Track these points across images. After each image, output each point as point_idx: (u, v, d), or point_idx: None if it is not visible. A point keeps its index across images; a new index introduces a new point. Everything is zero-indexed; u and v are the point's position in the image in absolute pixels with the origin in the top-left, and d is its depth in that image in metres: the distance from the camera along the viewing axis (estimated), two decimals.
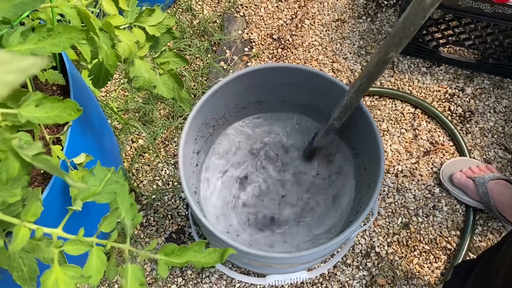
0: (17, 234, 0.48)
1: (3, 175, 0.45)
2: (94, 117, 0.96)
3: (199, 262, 0.56)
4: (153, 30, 0.78)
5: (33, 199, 0.52)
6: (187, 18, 1.48)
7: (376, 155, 0.84)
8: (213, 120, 1.01)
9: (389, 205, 1.22)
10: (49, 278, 0.47)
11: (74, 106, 0.45)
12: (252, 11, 1.50)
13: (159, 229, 1.20)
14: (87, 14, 0.65)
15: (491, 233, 1.19)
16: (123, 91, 1.36)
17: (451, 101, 1.35)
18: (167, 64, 0.82)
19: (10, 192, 0.41)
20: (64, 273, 0.48)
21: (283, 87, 1.00)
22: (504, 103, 1.34)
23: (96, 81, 0.75)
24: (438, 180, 1.25)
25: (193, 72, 1.38)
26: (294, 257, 0.77)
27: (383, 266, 1.15)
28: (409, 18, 0.64)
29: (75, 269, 0.48)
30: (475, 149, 1.29)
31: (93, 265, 0.51)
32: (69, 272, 0.48)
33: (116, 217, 0.54)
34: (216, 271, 1.15)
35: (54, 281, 0.46)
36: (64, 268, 0.48)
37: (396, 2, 1.50)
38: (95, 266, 0.51)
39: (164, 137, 1.30)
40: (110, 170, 0.55)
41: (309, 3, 1.51)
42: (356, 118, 0.90)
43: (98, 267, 0.51)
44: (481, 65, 1.35)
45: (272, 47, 1.44)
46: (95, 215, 0.96)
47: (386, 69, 0.71)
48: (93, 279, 0.49)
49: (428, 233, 1.19)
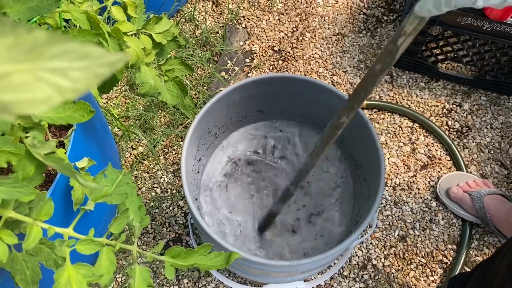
0: (30, 232, 0.48)
1: (19, 174, 0.46)
2: (96, 122, 0.97)
3: (204, 265, 0.56)
4: (160, 38, 0.79)
5: (45, 199, 0.52)
6: (190, 28, 1.50)
7: (376, 165, 0.85)
8: (215, 128, 1.02)
9: (387, 218, 1.23)
10: (62, 276, 0.47)
11: (87, 107, 0.46)
12: (254, 23, 1.52)
13: (157, 237, 1.19)
14: (97, 19, 0.66)
15: (487, 248, 1.20)
16: (124, 98, 1.37)
17: (448, 116, 1.37)
18: (172, 72, 0.83)
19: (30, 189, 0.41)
20: (76, 271, 0.48)
21: (285, 97, 1.01)
22: (501, 119, 1.36)
23: (102, 86, 0.76)
24: (435, 194, 1.26)
25: (194, 81, 1.39)
26: (293, 265, 0.78)
27: (380, 278, 1.16)
28: (360, 85, 0.64)
29: (87, 268, 0.49)
30: (472, 164, 1.30)
31: (104, 265, 0.51)
32: (81, 271, 0.48)
33: (126, 219, 0.54)
34: (213, 280, 1.14)
35: (67, 279, 0.47)
36: (76, 267, 0.49)
37: (396, 18, 1.53)
38: (105, 266, 0.51)
39: (164, 145, 1.31)
40: (121, 172, 0.56)
41: (310, 17, 1.53)
42: (357, 129, 0.92)
43: (108, 267, 0.51)
44: (478, 81, 1.37)
45: (273, 58, 1.46)
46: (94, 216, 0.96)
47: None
48: (104, 279, 0.50)
49: (424, 247, 1.20)
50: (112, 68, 0.19)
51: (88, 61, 0.19)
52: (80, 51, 0.19)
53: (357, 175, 1.02)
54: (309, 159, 0.80)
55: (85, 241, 0.53)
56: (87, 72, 0.19)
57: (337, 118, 0.71)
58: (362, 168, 0.98)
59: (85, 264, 0.52)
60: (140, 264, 1.16)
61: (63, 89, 0.18)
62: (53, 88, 0.18)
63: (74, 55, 0.19)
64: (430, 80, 1.42)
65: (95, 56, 0.19)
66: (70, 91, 0.18)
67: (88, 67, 0.19)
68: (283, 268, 0.79)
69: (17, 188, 0.45)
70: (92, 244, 0.53)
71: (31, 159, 0.45)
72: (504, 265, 0.76)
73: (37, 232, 0.51)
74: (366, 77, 0.63)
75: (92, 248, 0.53)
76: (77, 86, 0.19)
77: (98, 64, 0.19)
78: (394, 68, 1.43)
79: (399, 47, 0.56)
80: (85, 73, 0.19)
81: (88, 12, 0.66)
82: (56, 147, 0.83)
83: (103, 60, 0.19)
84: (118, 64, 0.19)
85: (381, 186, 0.82)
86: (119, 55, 0.19)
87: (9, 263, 0.56)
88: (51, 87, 0.18)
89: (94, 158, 0.86)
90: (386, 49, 0.57)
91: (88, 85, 0.19)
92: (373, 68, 0.61)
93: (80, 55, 0.19)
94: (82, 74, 0.19)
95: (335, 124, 0.72)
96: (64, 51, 0.19)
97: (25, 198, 0.47)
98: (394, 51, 0.56)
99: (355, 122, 0.91)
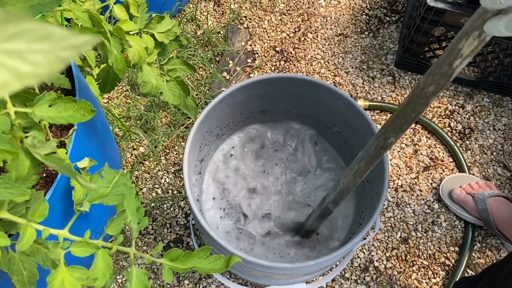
0: (23, 234, 0.48)
1: (13, 174, 0.45)
2: (98, 122, 0.96)
3: (204, 269, 0.55)
4: (162, 37, 0.79)
5: (40, 200, 0.51)
6: (192, 28, 1.49)
7: (380, 167, 0.84)
8: (218, 128, 1.01)
9: (389, 220, 1.22)
10: (56, 279, 0.46)
11: (88, 107, 0.45)
12: (256, 23, 1.52)
13: (157, 238, 1.19)
14: (99, 18, 0.65)
15: (490, 250, 1.19)
16: (126, 98, 1.36)
17: (451, 117, 1.36)
18: (174, 71, 0.83)
19: (22, 190, 0.40)
20: (70, 274, 0.47)
21: (287, 98, 1.00)
22: (504, 121, 1.35)
23: (103, 85, 0.76)
24: (438, 195, 1.25)
25: (196, 82, 1.39)
26: (296, 267, 0.77)
27: (382, 280, 1.15)
28: (410, 105, 0.61)
29: (81, 271, 0.48)
30: (475, 165, 1.29)
31: (99, 267, 0.50)
32: (76, 274, 0.47)
33: (123, 220, 0.53)
34: (213, 281, 1.14)
35: (60, 282, 0.46)
36: (71, 269, 0.48)
37: (398, 18, 1.52)
38: (101, 269, 0.50)
39: (165, 145, 1.30)
40: (118, 173, 0.55)
41: (312, 18, 1.53)
42: (360, 130, 0.91)
43: (103, 269, 0.51)
44: (481, 83, 1.36)
45: (274, 59, 1.45)
46: (93, 218, 0.95)
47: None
48: (99, 282, 0.49)
49: (427, 249, 1.19)
50: (77, 51, 0.17)
51: (50, 43, 0.17)
52: (40, 32, 0.17)
53: None
54: (351, 178, 0.77)
55: (80, 243, 0.52)
56: (49, 55, 0.17)
57: (384, 139, 0.67)
58: None
59: (80, 266, 0.51)
60: (141, 265, 1.15)
61: (22, 74, 0.17)
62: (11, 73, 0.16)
63: (34, 36, 0.17)
64: None
65: (58, 38, 0.17)
66: (30, 76, 0.16)
67: (50, 49, 0.17)
68: (286, 271, 0.79)
69: (8, 188, 0.44)
70: (87, 247, 0.53)
71: (25, 158, 0.44)
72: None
73: (31, 233, 0.50)
74: (416, 98, 0.60)
75: (87, 251, 0.52)
76: (38, 71, 0.17)
77: (62, 47, 0.17)
78: (397, 69, 1.43)
79: (454, 70, 0.53)
80: (47, 56, 0.17)
81: (90, 11, 0.65)
82: (57, 147, 0.83)
83: (67, 42, 0.17)
84: (84, 47, 0.17)
85: (385, 188, 0.81)
86: (85, 37, 0.18)
87: (6, 263, 0.55)
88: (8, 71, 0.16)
89: (95, 158, 0.85)
90: (441, 71, 0.55)
91: (51, 70, 0.17)
92: (425, 90, 0.57)
93: (41, 36, 0.17)
94: (43, 57, 0.17)
95: (381, 144, 0.68)
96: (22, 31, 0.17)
97: (18, 198, 0.46)
98: (449, 74, 0.54)
99: (358, 124, 0.91)
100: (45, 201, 0.54)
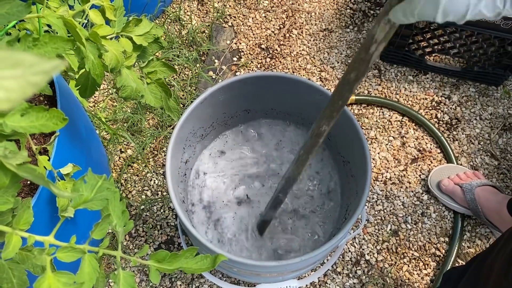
0: (9, 242, 0.48)
1: None
2: (81, 127, 0.96)
3: (190, 269, 0.56)
4: (140, 40, 0.78)
5: (24, 208, 0.51)
6: (176, 29, 1.49)
7: (363, 162, 0.84)
8: (201, 129, 1.01)
9: (378, 213, 1.23)
10: (42, 285, 0.46)
11: (60, 115, 0.45)
12: (240, 21, 1.51)
13: (148, 240, 1.19)
14: (73, 24, 0.65)
15: (479, 239, 1.20)
16: (112, 101, 1.36)
17: (437, 108, 1.37)
18: (155, 74, 0.83)
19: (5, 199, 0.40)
20: (57, 279, 0.47)
21: (271, 96, 1.00)
22: (490, 110, 1.36)
23: (83, 91, 0.75)
24: (426, 187, 1.26)
25: (181, 82, 1.39)
26: (282, 265, 0.77)
27: (373, 273, 1.16)
28: (336, 93, 0.64)
29: (67, 276, 0.48)
30: (462, 156, 1.30)
31: (86, 272, 0.50)
32: (62, 279, 0.48)
33: (108, 224, 0.54)
34: (205, 281, 1.14)
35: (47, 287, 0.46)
36: (57, 275, 0.48)
37: None
38: (88, 273, 0.50)
39: (152, 147, 1.30)
40: (101, 177, 0.55)
41: (297, 13, 1.53)
42: (343, 126, 0.91)
43: (90, 274, 0.51)
44: (466, 73, 1.37)
45: (260, 56, 1.45)
46: (83, 223, 0.95)
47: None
48: (85, 286, 0.49)
49: (417, 240, 1.20)
50: (47, 76, 0.18)
51: (21, 69, 0.18)
52: (11, 59, 0.18)
53: (345, 172, 1.01)
54: (295, 167, 0.79)
55: (66, 248, 0.52)
56: (20, 81, 0.18)
57: (317, 127, 0.70)
58: (350, 165, 0.97)
59: (66, 272, 0.51)
60: (132, 268, 1.16)
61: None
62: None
63: (5, 63, 0.18)
64: (418, 73, 1.42)
65: (28, 64, 0.18)
66: (4, 101, 0.18)
67: (21, 75, 0.18)
68: (271, 269, 0.79)
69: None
70: (73, 252, 0.53)
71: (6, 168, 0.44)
72: (499, 260, 0.76)
73: (16, 241, 0.51)
74: (341, 86, 0.62)
75: (73, 256, 0.53)
76: (11, 95, 0.18)
77: (32, 72, 0.18)
78: (382, 62, 1.43)
79: (371, 55, 0.55)
80: (19, 82, 0.18)
81: (64, 17, 0.65)
82: (40, 154, 0.83)
83: (37, 68, 0.18)
84: (53, 72, 0.18)
85: (368, 183, 0.81)
86: (53, 62, 0.19)
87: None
88: None
89: (80, 164, 0.85)
90: (359, 57, 0.57)
91: (23, 94, 0.18)
92: (348, 77, 0.60)
93: (12, 63, 0.18)
94: (15, 83, 0.18)
95: (316, 132, 0.71)
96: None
97: (1, 207, 0.46)
98: (367, 59, 0.56)
99: (341, 119, 0.91)
100: (29, 208, 0.54)
